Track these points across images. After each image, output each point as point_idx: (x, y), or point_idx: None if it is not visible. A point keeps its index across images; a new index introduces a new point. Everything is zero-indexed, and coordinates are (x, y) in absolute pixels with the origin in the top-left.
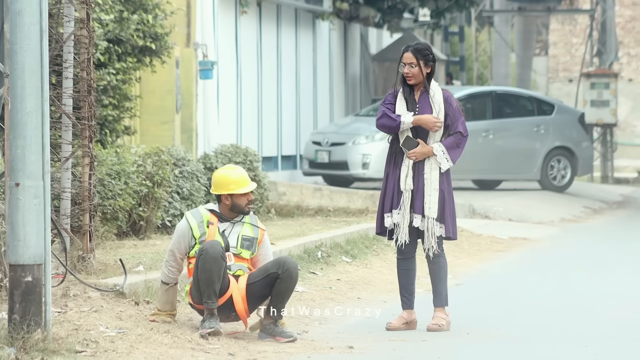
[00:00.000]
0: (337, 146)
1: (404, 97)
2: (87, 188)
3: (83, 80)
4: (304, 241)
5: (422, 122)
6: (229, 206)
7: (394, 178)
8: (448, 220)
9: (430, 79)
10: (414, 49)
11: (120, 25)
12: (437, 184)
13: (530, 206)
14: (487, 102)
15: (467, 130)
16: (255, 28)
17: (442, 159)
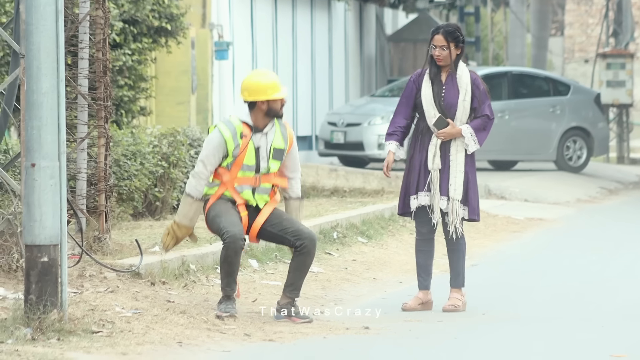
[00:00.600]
0: (353, 127)
1: (430, 77)
2: (103, 169)
3: (99, 61)
4: (320, 222)
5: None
6: (265, 111)
7: (420, 158)
8: (472, 201)
9: (459, 60)
10: (445, 31)
11: (135, 5)
12: (463, 165)
13: (546, 187)
14: (502, 83)
15: (493, 113)
16: (270, 8)
17: (469, 140)
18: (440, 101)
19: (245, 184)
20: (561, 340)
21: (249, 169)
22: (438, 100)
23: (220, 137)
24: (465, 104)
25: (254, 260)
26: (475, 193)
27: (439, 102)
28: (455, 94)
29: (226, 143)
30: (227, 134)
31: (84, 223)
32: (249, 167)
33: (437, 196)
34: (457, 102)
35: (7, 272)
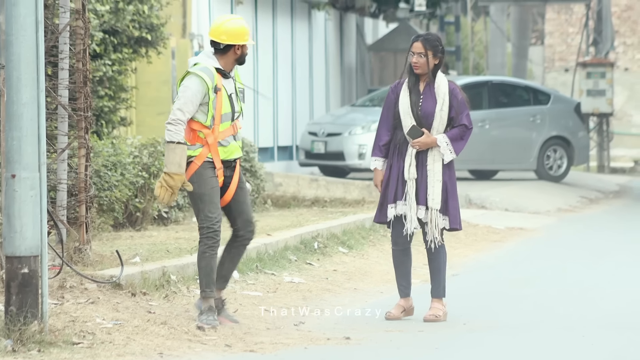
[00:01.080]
0: (334, 137)
1: (409, 87)
2: (83, 179)
3: (79, 72)
4: (301, 232)
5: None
6: (237, 57)
7: (398, 168)
8: (453, 211)
9: (437, 70)
10: (424, 39)
11: (115, 16)
12: (440, 175)
13: (527, 196)
14: (483, 92)
15: (471, 123)
16: (251, 18)
17: (445, 150)
18: (418, 110)
19: (228, 135)
20: (542, 350)
21: (226, 118)
22: (415, 110)
23: (201, 83)
24: (442, 113)
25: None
26: (455, 202)
27: (416, 112)
28: (433, 103)
29: (208, 90)
30: (208, 82)
31: (65, 234)
32: (227, 115)
33: (412, 206)
34: (434, 111)
35: None
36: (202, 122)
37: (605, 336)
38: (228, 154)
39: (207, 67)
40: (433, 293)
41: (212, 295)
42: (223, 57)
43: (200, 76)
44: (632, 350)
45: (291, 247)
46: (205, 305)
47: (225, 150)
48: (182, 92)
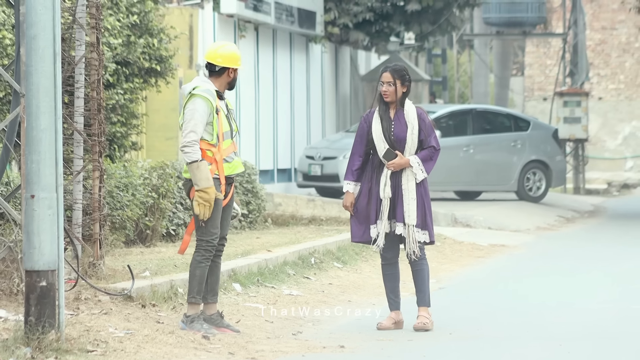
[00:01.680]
0: (329, 160)
1: (380, 114)
2: (97, 199)
3: (93, 100)
4: (299, 248)
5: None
6: (229, 80)
7: (377, 190)
8: (430, 226)
9: (405, 97)
10: (392, 69)
11: (127, 48)
12: (414, 193)
13: (508, 215)
14: (467, 119)
15: (439, 145)
16: (252, 50)
17: (417, 170)
18: (390, 135)
19: (231, 152)
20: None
21: (227, 136)
22: (388, 135)
23: (206, 104)
24: (413, 137)
25: (237, 284)
26: (431, 218)
27: (389, 136)
28: (404, 128)
29: (212, 110)
30: (213, 102)
31: (80, 250)
32: (227, 133)
33: (384, 222)
34: (406, 135)
35: (9, 296)
36: (208, 141)
37: (581, 346)
38: (232, 169)
39: (209, 89)
40: (419, 302)
41: (200, 302)
42: (218, 79)
43: (205, 97)
44: (605, 358)
45: (290, 262)
46: (193, 312)
47: (230, 166)
48: (190, 115)
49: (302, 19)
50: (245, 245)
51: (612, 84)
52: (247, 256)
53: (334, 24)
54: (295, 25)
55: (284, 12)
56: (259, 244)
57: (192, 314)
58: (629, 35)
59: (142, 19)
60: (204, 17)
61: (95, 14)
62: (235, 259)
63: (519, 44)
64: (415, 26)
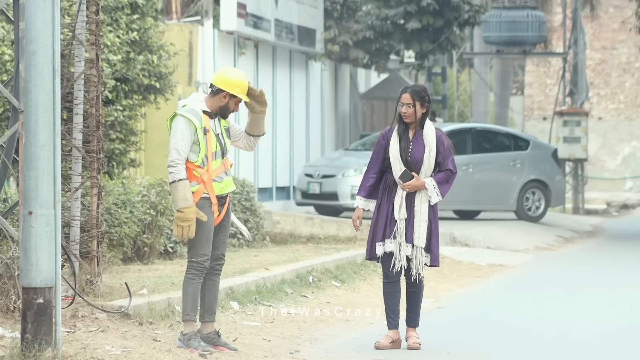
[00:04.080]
0: (328, 178)
1: (399, 134)
2: (95, 216)
3: (92, 116)
4: (297, 267)
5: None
6: (221, 106)
7: (388, 209)
8: (434, 249)
9: (425, 118)
10: (412, 90)
11: (127, 65)
12: (426, 215)
13: (507, 235)
14: (467, 138)
15: (456, 168)
16: (252, 68)
17: (432, 192)
18: (407, 156)
19: (220, 172)
20: None
21: (217, 156)
22: (405, 156)
23: (187, 123)
24: (430, 159)
25: (235, 302)
26: (437, 241)
27: (406, 157)
28: (421, 150)
29: (196, 129)
30: (195, 122)
31: (77, 267)
32: (216, 153)
33: (402, 243)
34: (423, 157)
35: (5, 313)
36: (194, 162)
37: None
38: (223, 189)
39: (194, 108)
40: (410, 323)
41: (196, 319)
42: (211, 99)
43: (185, 117)
44: None
45: (288, 280)
46: (190, 330)
47: (220, 185)
48: (172, 134)
49: (302, 36)
50: (243, 263)
51: (612, 103)
52: (245, 274)
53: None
54: (295, 42)
55: (283, 30)
56: (256, 262)
57: (188, 332)
58: (629, 55)
59: (141, 36)
60: (203, 34)
61: (95, 30)
62: (233, 277)
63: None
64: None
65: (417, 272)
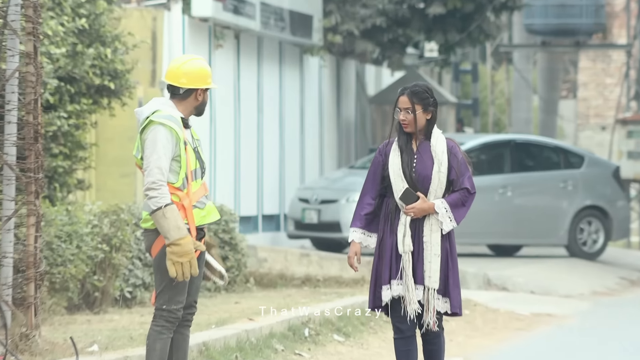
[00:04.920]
0: (328, 204)
1: (399, 146)
2: (33, 253)
3: (29, 125)
4: (289, 316)
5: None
6: (198, 104)
7: (392, 242)
8: (453, 292)
9: (431, 126)
10: (410, 91)
11: (73, 60)
12: (439, 248)
13: (556, 276)
14: (504, 153)
15: (474, 187)
16: (232, 64)
17: (444, 217)
18: (411, 172)
19: (202, 195)
20: None
21: (197, 175)
22: (408, 172)
23: (170, 133)
24: (441, 175)
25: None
26: (456, 281)
27: (409, 174)
28: (429, 164)
29: (179, 141)
30: (179, 131)
31: (9, 317)
32: (196, 172)
33: (410, 284)
34: (432, 173)
35: None
36: (173, 184)
37: None
38: (204, 217)
39: (172, 114)
40: None
41: None
42: (182, 103)
43: (167, 125)
44: None
45: (277, 334)
46: None
47: (201, 213)
48: (151, 147)
49: (295, 24)
50: (221, 312)
51: None
52: (224, 326)
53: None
54: (287, 32)
55: (272, 16)
56: (238, 311)
57: None
58: None
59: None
60: (170, 22)
61: (33, 16)
62: (208, 330)
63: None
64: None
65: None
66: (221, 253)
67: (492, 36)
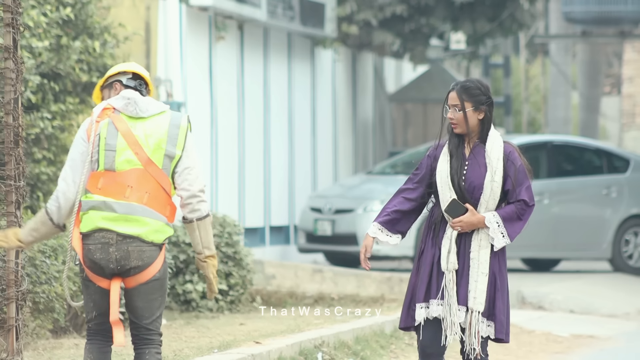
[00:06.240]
0: (344, 214)
1: (449, 150)
2: (14, 270)
3: (8, 128)
4: (300, 339)
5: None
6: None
7: (433, 255)
8: (500, 315)
9: (487, 127)
10: (461, 86)
11: (57, 55)
12: (487, 266)
13: (599, 293)
14: (541, 156)
15: (533, 199)
16: (235, 58)
17: (496, 233)
18: (460, 180)
19: None
20: None
21: None
22: (457, 179)
23: None
24: (494, 185)
25: None
26: (504, 304)
27: (458, 182)
28: (481, 171)
29: None
30: None
31: None
32: None
33: (453, 306)
34: (483, 182)
35: None
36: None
37: None
38: None
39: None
40: None
41: None
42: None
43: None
44: None
45: (287, 358)
46: None
47: None
48: (193, 151)
49: (305, 14)
50: (225, 334)
51: None
52: (227, 350)
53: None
54: (296, 22)
55: (280, 4)
56: (243, 333)
57: None
58: None
59: (77, 13)
60: (166, 11)
61: (12, 5)
62: (209, 355)
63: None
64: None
65: (473, 346)
66: (224, 269)
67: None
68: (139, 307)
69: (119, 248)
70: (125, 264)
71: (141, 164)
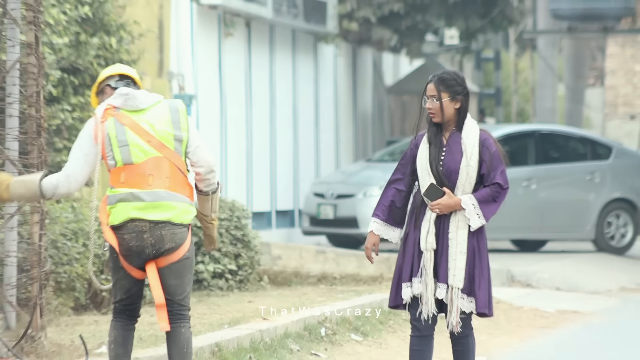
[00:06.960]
0: (345, 199)
1: (428, 138)
2: (37, 251)
3: (31, 119)
4: (304, 315)
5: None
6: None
7: (414, 238)
8: (481, 291)
9: (462, 116)
10: (438, 78)
11: (76, 51)
12: (465, 245)
13: (583, 272)
14: (528, 144)
15: (507, 182)
16: (243, 53)
17: (472, 214)
18: (438, 166)
19: None
20: None
21: None
22: (435, 165)
23: None
24: (469, 169)
25: None
26: (485, 280)
27: (436, 167)
28: (458, 157)
29: None
30: None
31: (14, 318)
32: None
33: (429, 283)
34: (459, 167)
35: None
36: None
37: None
38: None
39: None
40: None
41: None
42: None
43: None
44: None
45: (292, 334)
46: None
47: None
48: (200, 135)
49: (309, 11)
50: (234, 311)
51: None
52: (237, 326)
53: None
54: (300, 19)
55: (284, 3)
56: (251, 310)
57: None
58: None
59: (95, 12)
60: (178, 10)
61: (34, 4)
62: (220, 330)
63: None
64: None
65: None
66: (234, 250)
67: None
68: (172, 285)
69: (152, 234)
70: (160, 247)
71: (155, 149)
